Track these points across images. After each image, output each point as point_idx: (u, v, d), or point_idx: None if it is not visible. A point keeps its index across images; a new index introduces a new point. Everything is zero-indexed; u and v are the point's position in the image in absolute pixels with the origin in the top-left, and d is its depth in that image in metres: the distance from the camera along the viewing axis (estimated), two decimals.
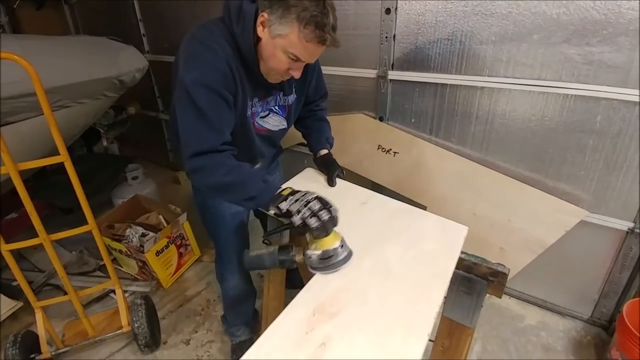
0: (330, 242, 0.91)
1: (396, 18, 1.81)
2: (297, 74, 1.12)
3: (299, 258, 0.95)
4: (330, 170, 1.38)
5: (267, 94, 1.25)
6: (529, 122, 1.67)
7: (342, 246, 0.93)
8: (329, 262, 0.91)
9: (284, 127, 1.38)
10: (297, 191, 0.99)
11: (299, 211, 0.91)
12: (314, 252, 0.91)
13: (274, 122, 1.34)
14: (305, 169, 1.48)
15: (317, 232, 0.90)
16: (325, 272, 0.92)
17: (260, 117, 1.28)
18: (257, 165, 1.48)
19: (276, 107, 1.31)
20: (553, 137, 1.64)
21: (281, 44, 1.02)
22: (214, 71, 1.05)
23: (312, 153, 1.51)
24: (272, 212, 1.02)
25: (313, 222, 0.89)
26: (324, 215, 0.90)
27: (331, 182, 1.36)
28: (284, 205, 0.96)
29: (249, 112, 1.21)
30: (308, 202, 0.92)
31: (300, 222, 0.91)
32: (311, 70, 1.34)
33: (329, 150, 1.47)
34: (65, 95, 1.92)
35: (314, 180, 1.40)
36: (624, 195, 1.59)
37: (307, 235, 0.95)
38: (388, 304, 0.84)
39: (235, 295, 1.69)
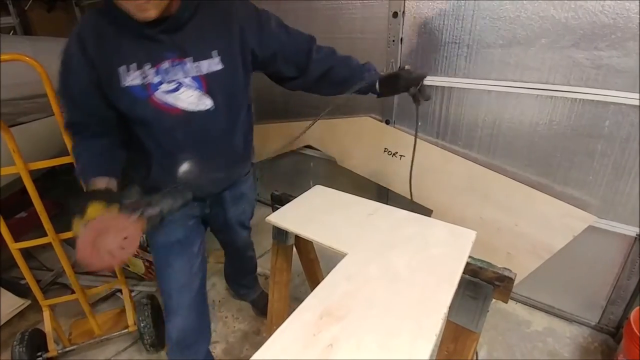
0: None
1: (403, 21, 1.81)
2: None
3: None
4: (407, 82, 1.15)
5: (159, 55, 0.99)
6: (537, 126, 1.66)
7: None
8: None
9: (208, 107, 1.06)
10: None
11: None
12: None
13: (189, 99, 1.03)
14: (314, 187, 1.42)
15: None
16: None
17: (164, 92, 1.01)
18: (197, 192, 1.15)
19: (187, 79, 1.02)
20: (561, 142, 1.63)
21: None
22: (67, 55, 1.02)
23: (375, 93, 1.28)
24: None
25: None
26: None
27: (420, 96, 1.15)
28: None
29: (126, 82, 0.98)
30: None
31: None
32: (246, 25, 1.07)
33: (376, 79, 1.23)
34: None
35: (321, 197, 1.35)
36: (632, 201, 1.57)
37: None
38: (395, 307, 0.84)
39: (180, 338, 1.32)
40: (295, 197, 1.33)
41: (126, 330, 1.82)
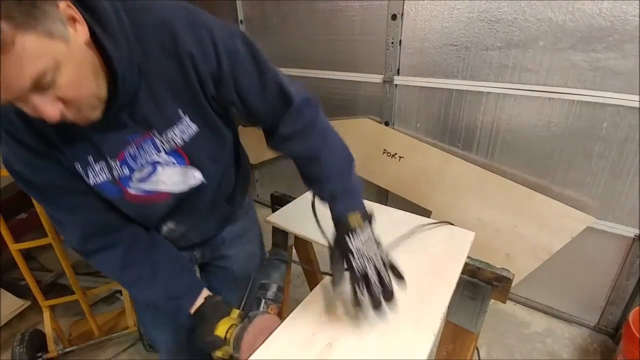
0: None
1: (402, 24, 1.83)
2: (44, 108, 0.55)
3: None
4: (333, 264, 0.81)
5: (119, 142, 0.72)
6: (535, 128, 1.67)
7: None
8: None
9: (199, 181, 0.82)
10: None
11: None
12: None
13: (173, 179, 0.79)
14: None
15: None
16: None
17: (140, 180, 0.77)
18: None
19: (161, 156, 0.76)
20: (559, 143, 1.64)
21: None
22: (9, 163, 0.71)
23: None
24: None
25: None
26: None
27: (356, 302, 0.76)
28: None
29: (90, 180, 0.73)
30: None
31: None
32: (198, 57, 0.68)
33: (339, 210, 0.86)
34: None
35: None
36: (630, 202, 1.58)
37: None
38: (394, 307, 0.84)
39: None
40: (295, 197, 1.34)
41: (126, 331, 1.83)
